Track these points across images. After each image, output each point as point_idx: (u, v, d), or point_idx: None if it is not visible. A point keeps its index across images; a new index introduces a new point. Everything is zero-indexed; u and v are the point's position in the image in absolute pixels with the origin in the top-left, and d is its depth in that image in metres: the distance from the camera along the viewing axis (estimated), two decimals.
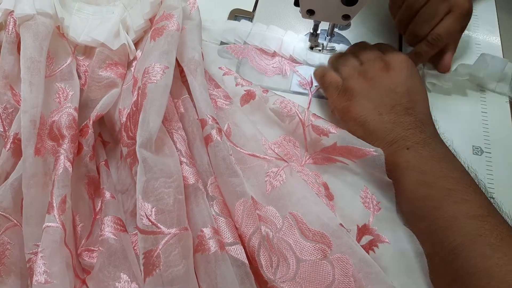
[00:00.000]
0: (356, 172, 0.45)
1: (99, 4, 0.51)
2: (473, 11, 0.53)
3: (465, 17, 0.51)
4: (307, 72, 0.57)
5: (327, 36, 0.58)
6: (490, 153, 0.52)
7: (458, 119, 0.54)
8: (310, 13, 0.51)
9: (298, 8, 0.50)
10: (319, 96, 0.55)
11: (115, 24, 0.47)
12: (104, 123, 0.48)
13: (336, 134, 0.44)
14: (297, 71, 0.57)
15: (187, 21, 0.49)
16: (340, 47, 0.59)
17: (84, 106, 0.46)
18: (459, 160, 0.42)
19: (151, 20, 0.48)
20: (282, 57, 0.58)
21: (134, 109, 0.42)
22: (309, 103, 0.54)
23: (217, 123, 0.43)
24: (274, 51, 0.57)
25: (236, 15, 0.62)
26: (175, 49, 0.44)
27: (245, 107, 0.51)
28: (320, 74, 0.52)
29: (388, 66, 0.47)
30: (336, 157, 0.46)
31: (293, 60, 0.58)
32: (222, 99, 0.50)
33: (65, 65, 0.45)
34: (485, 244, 0.34)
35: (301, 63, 0.58)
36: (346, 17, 0.50)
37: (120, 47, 0.47)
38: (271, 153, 0.45)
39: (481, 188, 0.39)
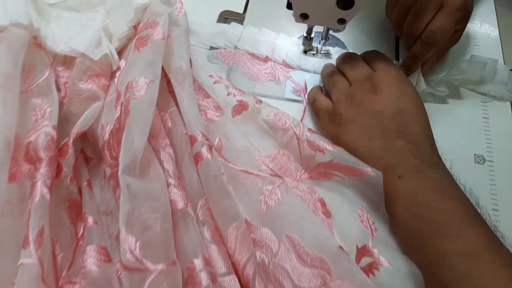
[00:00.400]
0: (353, 186, 0.43)
1: (79, 11, 0.47)
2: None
3: (458, 11, 0.48)
4: (301, 78, 0.54)
5: (322, 39, 0.55)
6: (492, 161, 0.49)
7: (458, 126, 0.52)
8: (303, 17, 0.48)
9: (291, 11, 0.48)
10: None
11: (96, 32, 0.44)
12: (86, 138, 0.45)
13: (332, 151, 0.42)
14: (291, 77, 0.54)
15: (174, 27, 0.46)
16: (335, 51, 0.56)
17: (64, 121, 0.43)
18: (458, 183, 0.40)
19: (135, 27, 0.45)
20: (275, 62, 0.55)
21: (117, 126, 0.39)
22: (304, 111, 0.52)
23: (207, 139, 0.41)
24: (266, 55, 0.55)
25: (226, 17, 0.59)
26: (161, 60, 0.41)
27: (237, 118, 0.48)
28: (312, 99, 0.50)
29: (375, 87, 0.44)
30: (333, 171, 0.43)
31: (286, 65, 0.55)
32: (212, 110, 0.47)
33: (42, 78, 0.42)
34: (474, 287, 0.32)
35: (294, 68, 0.55)
36: (342, 21, 0.47)
37: (102, 57, 0.44)
38: (265, 169, 0.43)
39: (483, 216, 0.37)
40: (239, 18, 0.59)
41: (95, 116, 0.43)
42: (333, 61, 0.54)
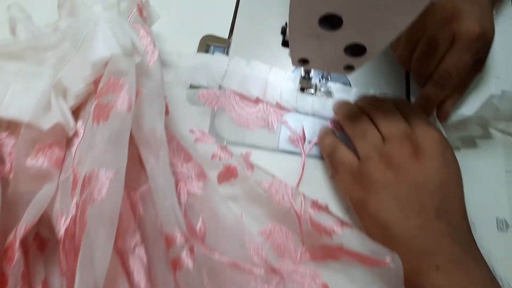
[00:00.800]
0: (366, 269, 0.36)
1: (24, 57, 0.37)
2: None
3: (475, 43, 0.41)
4: (298, 122, 0.46)
5: (322, 78, 0.46)
6: None
7: (476, 182, 0.44)
8: (303, 62, 0.39)
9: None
10: (314, 155, 0.45)
11: (44, 93, 0.35)
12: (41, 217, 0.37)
13: (342, 236, 0.35)
14: (286, 122, 0.46)
15: (145, 80, 0.37)
16: (337, 88, 0.48)
17: (12, 204, 0.34)
18: (495, 276, 0.34)
19: (95, 82, 0.36)
20: (267, 103, 0.46)
21: (73, 228, 0.31)
22: (302, 168, 0.44)
23: (186, 239, 0.33)
24: (257, 96, 0.46)
25: (209, 43, 0.50)
26: (127, 138, 0.32)
27: (224, 184, 0.40)
28: (329, 150, 0.41)
29: (418, 151, 0.36)
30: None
31: (280, 107, 0.46)
32: (194, 180, 0.39)
33: None
34: None
35: (290, 111, 0.47)
36: (349, 67, 0.39)
37: (54, 125, 0.35)
38: (258, 261, 0.36)
39: None
40: (223, 44, 0.50)
41: (46, 204, 0.34)
42: (334, 100, 0.46)
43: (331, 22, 0.32)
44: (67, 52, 0.37)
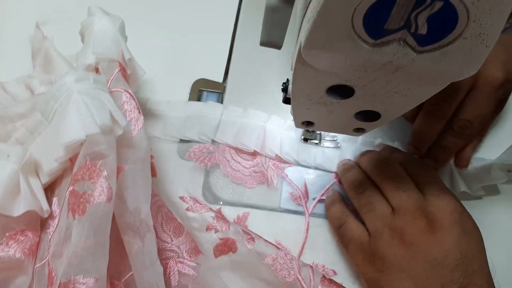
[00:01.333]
0: None
1: None
2: None
3: (499, 90, 0.37)
4: (300, 176, 0.42)
5: None
6: None
7: (502, 238, 0.41)
8: (307, 124, 0.35)
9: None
10: (319, 214, 0.41)
11: (12, 176, 0.30)
12: None
13: None
14: (287, 176, 0.42)
15: (128, 153, 0.32)
16: (343, 138, 0.44)
17: None
18: None
19: (71, 159, 0.32)
20: (265, 156, 0.42)
21: None
22: (307, 228, 0.40)
23: None
24: (254, 150, 0.42)
25: (202, 89, 0.45)
26: (108, 234, 0.28)
27: (221, 259, 0.36)
28: (337, 224, 0.37)
29: (433, 224, 0.33)
30: None
31: (280, 159, 0.42)
32: (186, 258, 0.35)
33: None
34: None
35: (291, 163, 0.42)
36: (360, 130, 0.35)
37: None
38: None
39: None
40: (217, 90, 0.45)
41: None
42: (342, 152, 0.42)
43: (340, 91, 0.28)
44: (37, 124, 0.33)
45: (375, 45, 0.21)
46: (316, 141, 0.43)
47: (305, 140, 0.43)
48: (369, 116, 0.31)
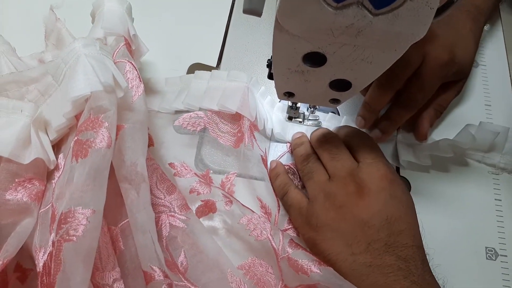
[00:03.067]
0: None
1: (7, 90, 0.37)
2: None
3: (442, 69, 0.41)
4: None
5: (310, 107, 0.46)
6: (506, 256, 0.43)
7: (465, 211, 0.45)
8: (288, 95, 0.39)
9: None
10: None
11: (24, 129, 0.34)
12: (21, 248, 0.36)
13: (319, 274, 0.34)
14: (255, 140, 0.44)
15: (128, 114, 0.36)
16: (325, 117, 0.48)
17: None
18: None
19: (76, 117, 0.36)
20: (246, 120, 0.43)
21: (49, 266, 0.30)
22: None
23: (166, 276, 0.32)
24: (237, 112, 0.43)
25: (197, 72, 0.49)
26: (106, 175, 0.32)
27: (202, 219, 0.40)
28: (281, 192, 0.41)
29: (361, 188, 0.37)
30: None
31: (255, 126, 0.45)
32: (177, 212, 0.39)
33: None
34: None
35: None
36: (335, 101, 0.39)
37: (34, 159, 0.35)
38: None
39: None
40: None
41: (25, 237, 0.34)
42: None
43: (315, 59, 0.32)
44: (48, 86, 0.37)
45: (338, 8, 0.26)
46: (300, 119, 0.47)
47: (290, 118, 0.47)
48: (341, 86, 0.35)
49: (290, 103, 0.45)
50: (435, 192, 0.45)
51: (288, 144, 0.46)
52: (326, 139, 0.42)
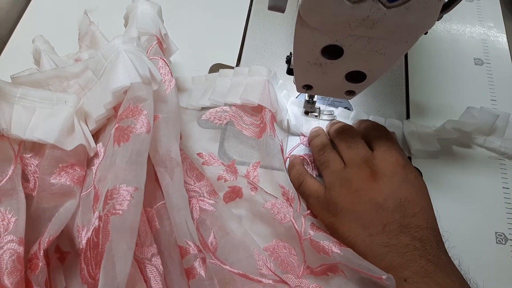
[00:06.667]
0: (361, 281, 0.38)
1: (49, 84, 0.41)
2: None
3: None
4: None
5: (327, 105, 0.49)
6: None
7: (474, 198, 0.47)
8: (307, 88, 0.42)
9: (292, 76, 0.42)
10: None
11: (68, 118, 0.38)
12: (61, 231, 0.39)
13: (340, 254, 0.37)
14: (275, 131, 0.47)
15: (162, 106, 0.40)
16: (339, 111, 0.51)
17: (36, 219, 0.37)
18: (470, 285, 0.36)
19: (115, 108, 0.39)
20: (268, 111, 0.46)
21: (95, 240, 0.33)
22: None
23: (200, 250, 0.35)
24: (259, 104, 0.46)
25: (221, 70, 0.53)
26: (146, 159, 0.35)
27: (230, 204, 0.43)
28: (297, 181, 0.44)
29: (375, 173, 0.39)
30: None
31: (274, 117, 0.47)
32: (206, 197, 0.42)
33: (5, 179, 0.36)
34: None
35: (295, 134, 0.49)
36: (351, 92, 0.42)
37: (76, 146, 0.38)
38: (267, 273, 0.38)
39: None
40: None
41: (68, 218, 0.37)
42: None
43: (332, 52, 0.35)
44: (88, 81, 0.40)
45: (355, 2, 0.29)
46: (316, 114, 0.50)
47: (306, 113, 0.50)
48: (356, 77, 0.38)
49: (307, 97, 0.48)
50: (445, 180, 0.48)
51: (302, 137, 0.49)
52: (343, 130, 0.45)
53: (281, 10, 0.33)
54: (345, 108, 0.51)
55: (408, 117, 0.52)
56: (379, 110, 0.51)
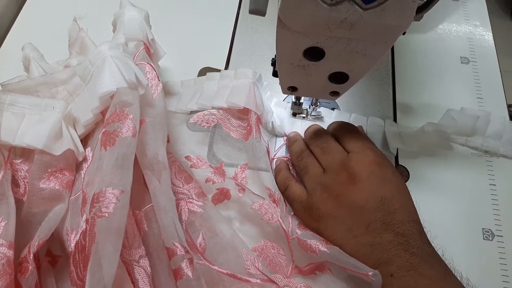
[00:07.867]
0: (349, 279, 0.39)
1: (38, 91, 0.42)
2: None
3: None
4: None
5: (311, 105, 0.50)
6: (502, 236, 0.46)
7: (461, 195, 0.48)
8: (292, 89, 0.43)
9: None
10: None
11: (55, 124, 0.38)
12: (52, 235, 0.40)
13: (327, 252, 0.38)
14: (260, 133, 0.47)
15: (149, 110, 0.40)
16: (327, 112, 0.51)
17: (26, 224, 0.38)
18: (457, 277, 0.37)
19: (102, 112, 0.40)
20: (254, 113, 0.46)
21: (83, 243, 0.34)
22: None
23: (187, 251, 0.36)
24: (245, 106, 0.46)
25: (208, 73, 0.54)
26: (132, 161, 0.36)
27: (218, 206, 0.44)
28: (283, 188, 0.45)
29: (353, 176, 0.40)
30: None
31: (259, 120, 0.48)
32: (194, 199, 0.42)
33: None
34: None
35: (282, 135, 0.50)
36: (335, 93, 0.43)
37: (65, 151, 0.38)
38: (255, 272, 0.38)
39: None
40: None
41: (58, 222, 0.38)
42: (325, 125, 0.49)
43: (314, 53, 0.35)
44: (76, 87, 0.41)
45: (332, 4, 0.30)
46: (303, 115, 0.50)
47: (294, 114, 0.51)
48: (339, 78, 0.39)
49: (294, 99, 0.49)
50: (432, 178, 0.48)
51: (285, 138, 0.50)
52: (316, 135, 0.46)
53: (262, 13, 0.34)
54: (332, 109, 0.52)
55: (395, 115, 0.52)
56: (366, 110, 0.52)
